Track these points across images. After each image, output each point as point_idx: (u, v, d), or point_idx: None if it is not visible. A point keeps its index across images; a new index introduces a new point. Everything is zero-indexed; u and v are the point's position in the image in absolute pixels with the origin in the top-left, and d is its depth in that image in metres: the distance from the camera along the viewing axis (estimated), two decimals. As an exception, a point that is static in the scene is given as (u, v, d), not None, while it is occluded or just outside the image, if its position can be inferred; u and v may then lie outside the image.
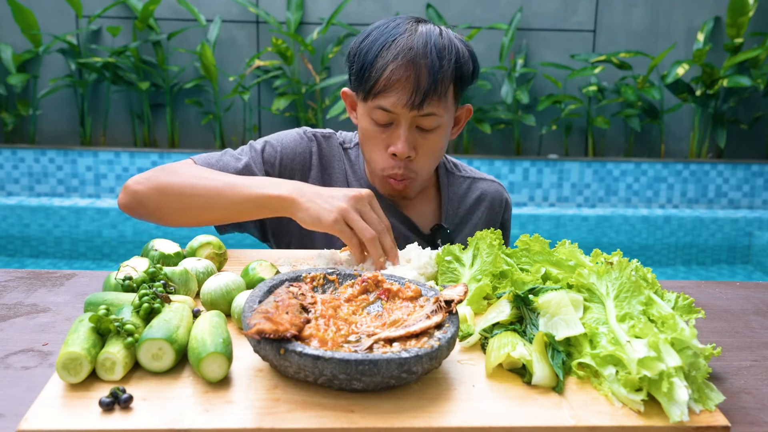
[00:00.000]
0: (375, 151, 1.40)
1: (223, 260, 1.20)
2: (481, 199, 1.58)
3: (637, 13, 5.22)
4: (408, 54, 1.29)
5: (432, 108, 1.32)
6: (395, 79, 1.30)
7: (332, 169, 1.51)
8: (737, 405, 0.85)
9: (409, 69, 1.29)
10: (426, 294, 0.94)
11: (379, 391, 0.80)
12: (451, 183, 1.58)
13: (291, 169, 1.48)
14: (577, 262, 1.05)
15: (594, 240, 4.74)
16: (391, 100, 1.31)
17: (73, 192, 4.94)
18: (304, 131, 1.52)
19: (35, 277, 1.22)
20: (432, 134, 1.37)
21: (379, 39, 1.33)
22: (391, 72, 1.30)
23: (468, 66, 1.37)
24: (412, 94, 1.29)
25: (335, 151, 1.53)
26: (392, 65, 1.30)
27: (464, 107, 1.47)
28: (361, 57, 1.34)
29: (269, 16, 4.97)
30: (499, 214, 1.61)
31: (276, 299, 0.86)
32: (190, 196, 1.29)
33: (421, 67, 1.29)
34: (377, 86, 1.32)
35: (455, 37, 1.37)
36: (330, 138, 1.54)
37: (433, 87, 1.29)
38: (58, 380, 0.79)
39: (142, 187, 1.33)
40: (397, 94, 1.30)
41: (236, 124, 5.26)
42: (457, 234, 1.55)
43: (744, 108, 5.30)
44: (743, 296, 1.25)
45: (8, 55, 4.88)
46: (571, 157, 5.13)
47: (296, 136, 1.51)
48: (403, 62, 1.29)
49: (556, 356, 0.85)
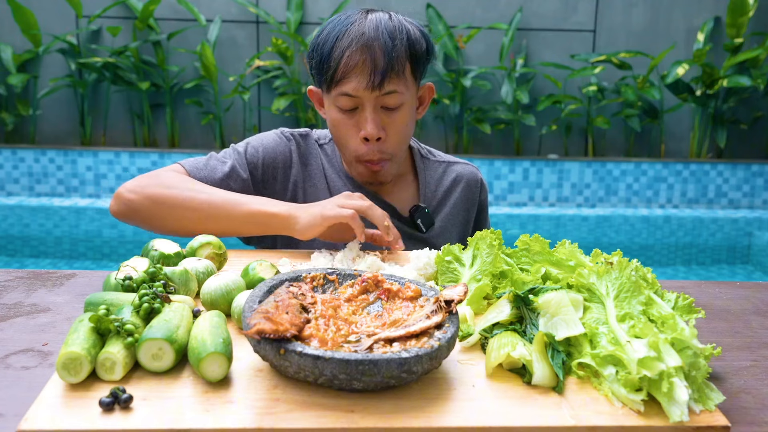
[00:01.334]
0: (347, 138, 1.44)
1: (223, 260, 1.20)
2: (457, 181, 1.63)
3: (637, 13, 5.22)
4: (361, 39, 1.35)
5: (392, 86, 1.37)
6: (353, 65, 1.35)
7: (310, 165, 1.56)
8: (737, 405, 0.85)
9: (365, 53, 1.35)
10: (426, 294, 0.94)
11: (379, 391, 0.80)
12: (427, 168, 1.63)
13: (273, 168, 1.52)
14: (577, 262, 1.05)
15: (594, 240, 4.74)
16: (352, 85, 1.36)
17: (73, 192, 4.94)
18: (281, 132, 1.57)
19: (35, 277, 1.22)
20: (397, 113, 1.41)
21: (333, 31, 1.39)
22: (348, 58, 1.35)
23: (421, 44, 1.42)
24: (371, 75, 1.35)
25: (312, 148, 1.58)
26: (348, 52, 1.35)
27: (425, 86, 1.52)
28: (319, 50, 1.40)
29: (269, 16, 4.97)
30: (476, 194, 1.66)
31: (276, 299, 0.86)
32: (188, 209, 1.34)
33: (375, 49, 1.35)
34: (337, 74, 1.37)
35: (405, 20, 1.43)
36: (307, 136, 1.59)
37: (389, 66, 1.35)
38: (58, 380, 0.79)
39: (136, 196, 1.36)
40: (357, 78, 1.36)
41: (236, 124, 5.26)
42: (437, 215, 1.60)
43: (744, 108, 5.30)
44: (743, 296, 1.25)
45: (8, 55, 4.88)
46: (571, 157, 5.13)
47: (275, 137, 1.55)
48: (357, 47, 1.35)
49: (556, 356, 0.85)
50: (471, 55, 5.24)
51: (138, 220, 1.39)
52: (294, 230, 1.29)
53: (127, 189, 1.38)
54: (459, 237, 1.62)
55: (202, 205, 1.33)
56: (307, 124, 5.11)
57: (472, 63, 5.22)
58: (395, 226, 1.48)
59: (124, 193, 1.38)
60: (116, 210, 1.40)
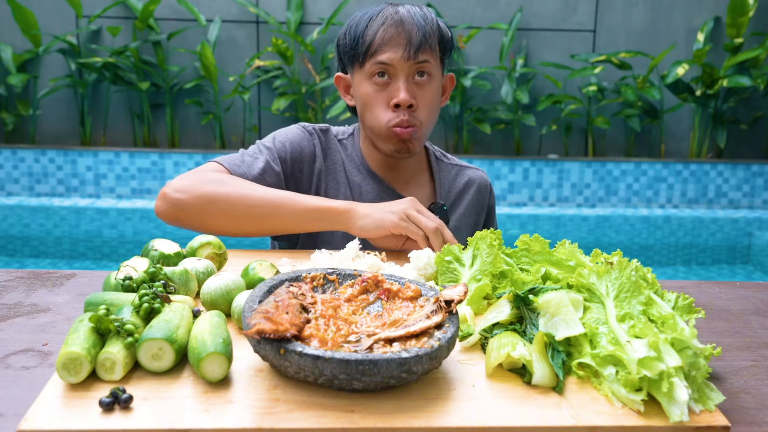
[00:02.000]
0: (378, 109, 1.48)
1: (223, 260, 1.20)
2: (469, 184, 1.69)
3: (637, 13, 5.22)
4: (395, 17, 1.45)
5: (426, 56, 1.45)
6: (388, 38, 1.44)
7: (330, 159, 1.59)
8: (737, 405, 0.85)
9: (399, 27, 1.44)
10: (426, 294, 0.94)
11: (379, 391, 0.80)
12: (441, 169, 1.69)
13: (300, 161, 1.54)
14: (577, 262, 1.05)
15: (594, 240, 4.74)
16: (388, 55, 1.44)
17: (73, 192, 4.94)
18: (303, 126, 1.59)
19: (35, 277, 1.22)
20: (428, 85, 1.48)
21: (365, 16, 1.48)
22: (383, 32, 1.44)
23: (447, 33, 1.52)
24: (407, 46, 1.43)
25: (332, 143, 1.61)
26: (383, 28, 1.44)
27: (448, 75, 1.59)
28: (352, 32, 1.48)
29: (269, 16, 4.97)
30: (486, 198, 1.72)
31: (276, 299, 0.86)
32: (245, 206, 1.34)
33: (409, 25, 1.44)
34: (373, 46, 1.44)
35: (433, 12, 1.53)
36: (327, 131, 1.63)
37: (423, 38, 1.44)
38: (58, 380, 0.79)
39: (186, 195, 1.34)
40: (393, 48, 1.43)
41: (236, 124, 5.26)
42: (450, 215, 1.65)
43: (744, 108, 5.30)
44: (743, 296, 1.25)
45: (8, 55, 4.88)
46: (571, 157, 5.13)
47: (299, 131, 1.58)
48: (392, 23, 1.44)
49: (556, 356, 0.85)
50: (471, 55, 5.24)
51: (187, 220, 1.37)
52: (353, 225, 1.33)
53: (175, 188, 1.35)
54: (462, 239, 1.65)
55: (262, 202, 1.34)
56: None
57: (472, 63, 5.22)
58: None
59: (172, 193, 1.34)
60: (163, 210, 1.36)
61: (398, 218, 1.30)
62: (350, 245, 1.26)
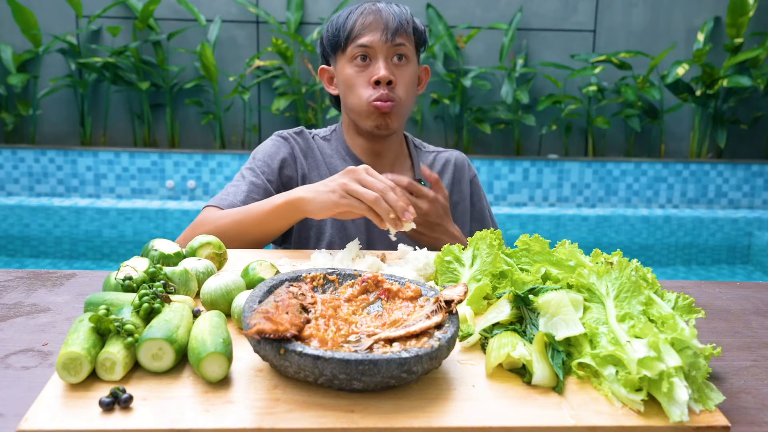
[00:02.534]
0: (359, 88, 1.59)
1: (223, 260, 1.20)
2: (446, 165, 1.79)
3: (637, 13, 5.22)
4: (372, 8, 1.59)
5: (403, 39, 1.58)
6: (367, 24, 1.58)
7: (310, 157, 1.70)
8: (737, 405, 0.85)
9: (377, 15, 1.58)
10: (426, 294, 0.94)
11: (379, 391, 0.80)
12: (420, 156, 1.80)
13: (283, 168, 1.65)
14: (577, 262, 1.05)
15: (594, 240, 4.74)
16: (368, 38, 1.57)
17: (73, 192, 4.94)
18: (278, 135, 1.70)
19: (35, 277, 1.22)
20: (406, 66, 1.60)
21: (345, 11, 1.61)
22: (363, 19, 1.58)
23: (420, 27, 1.65)
24: (384, 30, 1.56)
25: (309, 143, 1.72)
26: (362, 17, 1.58)
27: (423, 67, 1.72)
28: (333, 24, 1.62)
29: (269, 16, 4.97)
30: (465, 173, 1.80)
31: (276, 299, 0.86)
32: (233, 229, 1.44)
33: (386, 13, 1.58)
34: (353, 32, 1.58)
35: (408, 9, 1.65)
36: (301, 133, 1.73)
37: (400, 24, 1.58)
38: (58, 380, 0.79)
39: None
40: (372, 32, 1.57)
41: (236, 124, 5.26)
42: None
43: (744, 108, 5.30)
44: (743, 296, 1.25)
45: (8, 55, 4.88)
46: (571, 157, 5.13)
47: (274, 141, 1.69)
48: (371, 12, 1.59)
49: (556, 356, 0.85)
50: (471, 55, 5.24)
51: None
52: (307, 211, 1.35)
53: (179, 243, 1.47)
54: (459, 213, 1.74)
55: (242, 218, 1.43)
56: (308, 125, 5.11)
57: (472, 63, 5.22)
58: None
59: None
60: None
61: (338, 196, 1.29)
62: (350, 245, 1.26)
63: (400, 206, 1.25)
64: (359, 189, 1.27)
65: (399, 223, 1.25)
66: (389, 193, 1.26)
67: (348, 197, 1.28)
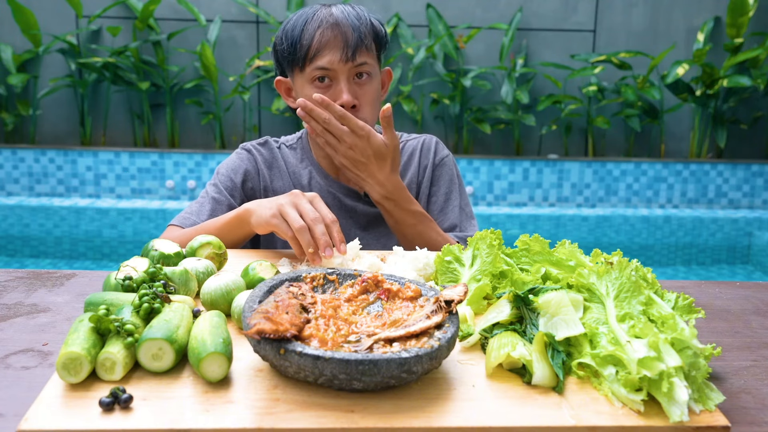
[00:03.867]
0: None
1: (223, 260, 1.20)
2: (413, 153, 1.72)
3: (637, 13, 5.22)
4: (329, 19, 1.48)
5: (364, 57, 1.49)
6: (325, 41, 1.47)
7: (274, 167, 1.67)
8: (737, 405, 0.85)
9: (335, 29, 1.47)
10: (426, 294, 0.94)
11: (379, 391, 0.80)
12: None
13: (247, 181, 1.63)
14: (577, 262, 1.05)
15: (594, 240, 4.74)
16: (327, 59, 1.47)
17: (73, 192, 4.94)
18: (241, 148, 1.68)
19: (35, 277, 1.22)
20: (368, 83, 1.52)
21: (300, 19, 1.50)
22: (320, 35, 1.47)
23: (380, 29, 1.56)
24: (344, 49, 1.46)
25: (273, 153, 1.68)
26: (319, 31, 1.47)
27: (385, 70, 1.63)
28: (288, 36, 1.51)
29: (269, 16, 4.97)
30: (430, 156, 1.71)
31: (276, 299, 0.86)
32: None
33: (345, 26, 1.48)
34: (311, 51, 1.47)
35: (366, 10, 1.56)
36: (266, 143, 1.70)
37: (360, 39, 1.48)
38: (58, 380, 0.79)
39: None
40: (331, 52, 1.46)
41: (236, 124, 5.26)
42: None
43: (744, 108, 5.30)
44: (743, 296, 1.25)
45: (8, 55, 4.88)
46: (571, 157, 5.13)
47: (237, 155, 1.67)
48: (327, 26, 1.47)
49: (556, 356, 0.85)
50: (471, 55, 5.24)
51: None
52: (250, 224, 1.34)
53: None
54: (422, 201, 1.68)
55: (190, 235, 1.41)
56: (307, 124, 5.11)
57: (472, 63, 5.22)
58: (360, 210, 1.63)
59: None
60: None
61: (271, 215, 1.27)
62: (350, 245, 1.26)
63: (323, 241, 1.20)
64: (291, 214, 1.24)
65: (317, 258, 1.20)
66: (318, 226, 1.22)
67: (279, 218, 1.26)
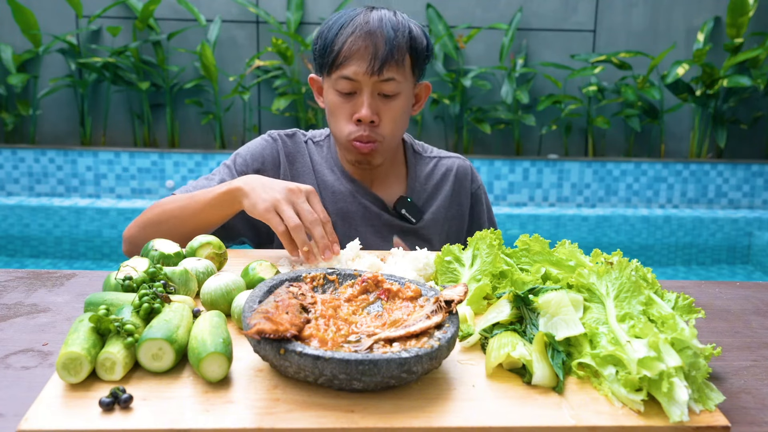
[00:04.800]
0: (341, 121, 1.48)
1: (223, 260, 1.20)
2: (447, 174, 1.67)
3: (637, 13, 5.22)
4: (364, 27, 1.42)
5: (391, 73, 1.42)
6: (354, 50, 1.41)
7: (297, 163, 1.61)
8: (737, 405, 0.85)
9: (367, 39, 1.41)
10: (426, 294, 0.94)
11: (379, 391, 0.80)
12: (418, 162, 1.67)
13: (263, 171, 1.57)
14: (577, 262, 1.05)
15: (594, 240, 4.74)
16: (353, 69, 1.41)
17: (73, 192, 4.93)
18: (269, 134, 1.62)
19: (35, 277, 1.22)
20: (394, 101, 1.46)
21: (339, 21, 1.45)
22: (350, 43, 1.41)
23: (422, 41, 1.48)
24: (372, 61, 1.40)
25: (299, 147, 1.62)
26: (351, 38, 1.41)
27: (422, 84, 1.57)
28: (323, 36, 1.47)
29: (269, 16, 4.97)
30: (466, 184, 1.69)
31: (276, 299, 0.86)
32: (164, 222, 1.41)
33: (378, 37, 1.41)
34: (339, 58, 1.42)
35: (409, 19, 1.50)
36: (294, 136, 1.64)
37: (390, 54, 1.41)
38: (58, 380, 0.79)
39: (132, 229, 1.48)
40: (357, 62, 1.41)
41: (236, 124, 5.26)
42: (427, 208, 1.63)
43: (744, 108, 5.30)
44: (743, 296, 1.25)
45: (8, 55, 4.88)
46: (571, 157, 5.13)
47: (261, 141, 1.61)
48: (360, 34, 1.41)
49: (556, 356, 0.85)
50: (471, 55, 5.24)
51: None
52: (242, 204, 1.30)
53: (127, 228, 1.48)
54: (455, 229, 1.67)
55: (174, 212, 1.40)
56: (308, 125, 5.11)
57: (472, 63, 5.22)
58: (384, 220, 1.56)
59: (125, 231, 1.49)
60: (125, 250, 1.49)
61: (265, 209, 1.24)
62: (350, 245, 1.26)
63: (322, 244, 1.21)
64: (287, 212, 1.22)
65: (314, 257, 1.21)
66: (317, 228, 1.21)
67: (273, 213, 1.23)
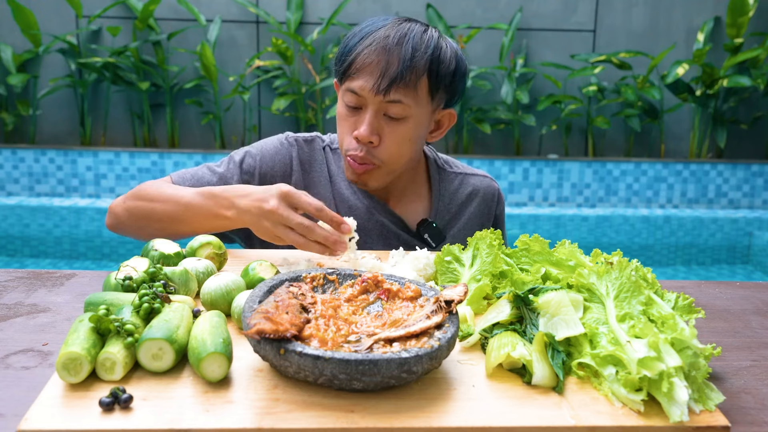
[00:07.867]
0: (344, 133, 1.41)
1: (223, 260, 1.20)
2: (473, 195, 1.59)
3: (637, 13, 5.22)
4: (382, 42, 1.32)
5: (399, 96, 1.32)
6: (367, 63, 1.33)
7: (314, 172, 1.51)
8: (737, 405, 0.85)
9: (381, 55, 1.32)
10: (426, 294, 0.94)
11: (379, 391, 0.80)
12: (443, 179, 1.58)
13: (272, 176, 1.48)
14: (577, 262, 1.05)
15: (594, 240, 4.74)
16: (359, 83, 1.34)
17: (73, 192, 4.93)
18: (285, 137, 1.53)
19: (35, 277, 1.22)
20: (399, 124, 1.36)
21: (365, 29, 1.37)
22: (364, 56, 1.33)
23: (448, 65, 1.37)
24: (379, 79, 1.31)
25: (317, 154, 1.53)
26: (366, 50, 1.33)
27: (446, 111, 1.46)
28: (344, 44, 1.39)
29: (269, 16, 4.97)
30: (492, 207, 1.61)
31: (276, 299, 0.86)
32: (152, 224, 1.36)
33: (392, 54, 1.31)
34: (350, 69, 1.35)
35: (443, 38, 1.38)
36: (312, 141, 1.54)
37: (401, 75, 1.31)
38: (58, 380, 0.79)
39: (120, 210, 1.42)
40: (365, 78, 1.33)
41: (236, 124, 5.26)
42: (449, 230, 1.55)
43: (744, 108, 5.30)
44: (743, 296, 1.25)
45: (8, 55, 4.88)
46: (571, 157, 5.13)
47: (277, 143, 1.51)
48: (376, 48, 1.32)
49: (556, 356, 0.85)
50: (471, 55, 5.23)
51: (125, 232, 1.44)
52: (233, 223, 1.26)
53: (115, 203, 1.43)
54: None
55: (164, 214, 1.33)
56: (307, 125, 5.11)
57: (472, 63, 5.22)
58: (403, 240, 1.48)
59: (113, 207, 1.43)
60: (108, 223, 1.45)
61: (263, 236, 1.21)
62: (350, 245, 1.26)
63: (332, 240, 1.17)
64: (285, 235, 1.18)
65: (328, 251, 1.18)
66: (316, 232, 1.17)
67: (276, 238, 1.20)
